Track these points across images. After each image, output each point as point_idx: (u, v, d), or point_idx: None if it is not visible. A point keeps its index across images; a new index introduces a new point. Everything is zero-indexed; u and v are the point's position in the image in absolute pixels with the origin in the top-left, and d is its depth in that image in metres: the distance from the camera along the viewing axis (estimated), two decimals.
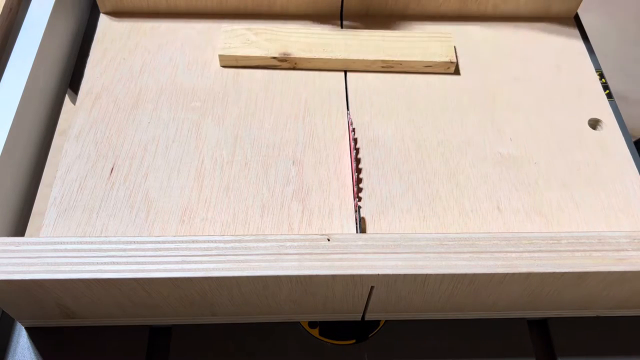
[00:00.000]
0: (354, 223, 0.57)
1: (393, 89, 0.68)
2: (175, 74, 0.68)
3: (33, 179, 0.65)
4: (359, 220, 0.58)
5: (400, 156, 0.63)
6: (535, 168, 0.62)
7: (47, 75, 0.68)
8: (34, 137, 0.65)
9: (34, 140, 0.65)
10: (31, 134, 0.64)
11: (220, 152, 0.62)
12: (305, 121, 0.65)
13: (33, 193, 0.64)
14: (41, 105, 0.67)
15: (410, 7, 0.74)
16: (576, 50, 0.74)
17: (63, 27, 0.72)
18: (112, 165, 0.60)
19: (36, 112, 0.65)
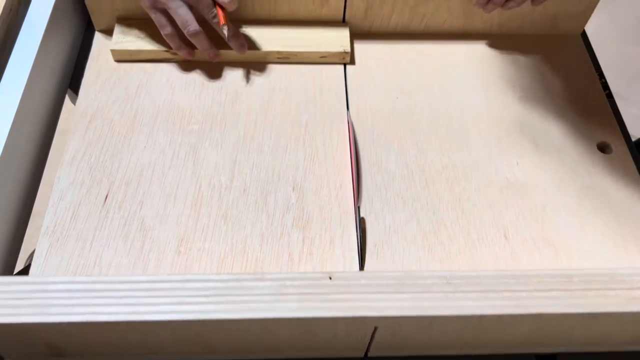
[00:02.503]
0: (357, 253, 0.55)
1: (396, 109, 0.66)
2: (172, 94, 0.66)
3: (33, 179, 0.64)
4: (358, 221, 0.57)
5: (404, 182, 0.61)
6: (543, 194, 0.61)
7: (47, 75, 0.67)
8: (34, 137, 0.64)
9: (34, 140, 0.64)
10: (31, 134, 0.63)
11: (219, 177, 0.60)
12: (305, 144, 0.63)
13: (33, 193, 0.63)
14: (41, 105, 0.66)
15: (412, 24, 0.72)
16: (583, 68, 0.72)
17: (61, 34, 0.70)
18: (107, 192, 0.58)
19: (36, 112, 0.65)
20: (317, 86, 0.68)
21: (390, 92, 0.68)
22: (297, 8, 0.69)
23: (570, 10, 0.72)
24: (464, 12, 0.71)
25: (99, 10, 0.69)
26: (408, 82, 0.69)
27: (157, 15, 0.63)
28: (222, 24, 0.62)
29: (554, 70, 0.72)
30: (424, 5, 0.70)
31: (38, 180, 0.65)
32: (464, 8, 0.70)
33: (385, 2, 0.69)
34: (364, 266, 0.56)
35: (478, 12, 0.71)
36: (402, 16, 0.71)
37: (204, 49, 0.66)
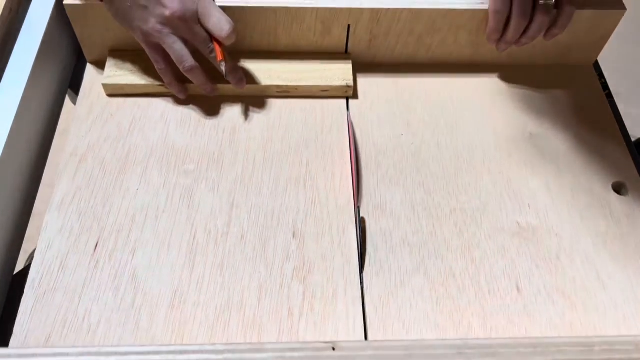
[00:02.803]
0: (361, 306, 0.52)
1: (401, 147, 0.63)
2: (167, 131, 0.63)
3: (33, 180, 0.64)
4: (358, 221, 0.56)
5: (410, 226, 0.58)
6: (556, 241, 0.58)
7: (48, 75, 0.66)
8: (34, 137, 0.64)
9: (34, 140, 0.64)
10: (31, 134, 0.63)
11: (215, 222, 0.57)
12: (306, 185, 0.60)
13: (33, 193, 0.63)
14: (41, 105, 0.65)
15: (418, 55, 0.69)
16: (596, 101, 0.69)
17: (63, 38, 0.67)
18: (97, 240, 0.55)
19: (36, 112, 0.64)
20: (319, 122, 0.65)
21: (394, 127, 0.65)
22: (298, 39, 0.66)
23: (583, 41, 0.69)
24: (472, 44, 0.68)
25: (90, 42, 0.66)
26: (413, 118, 0.66)
27: (151, 50, 0.60)
28: (220, 59, 0.59)
29: (566, 103, 0.68)
30: (430, 37, 0.67)
31: (38, 180, 0.65)
32: (472, 39, 0.67)
33: (390, 33, 0.66)
34: (363, 268, 0.55)
35: (486, 44, 0.68)
36: (408, 47, 0.68)
37: (200, 84, 0.63)
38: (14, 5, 0.67)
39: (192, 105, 0.65)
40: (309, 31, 0.65)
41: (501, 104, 0.68)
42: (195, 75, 0.61)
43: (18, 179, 0.61)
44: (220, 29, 0.58)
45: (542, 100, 0.69)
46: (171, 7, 0.56)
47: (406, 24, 0.65)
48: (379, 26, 0.65)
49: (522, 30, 0.63)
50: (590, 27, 0.67)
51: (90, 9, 0.62)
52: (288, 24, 0.64)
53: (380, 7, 0.63)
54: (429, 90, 0.68)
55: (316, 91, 0.66)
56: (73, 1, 0.61)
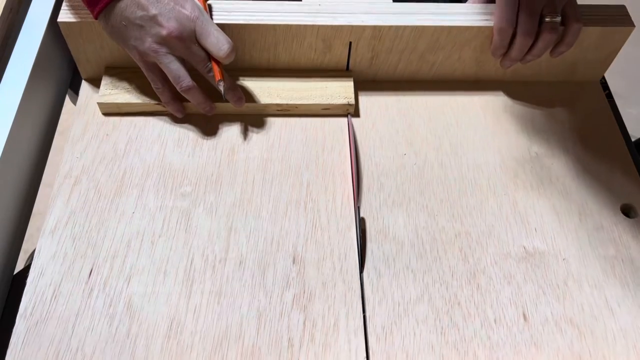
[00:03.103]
0: (363, 337, 0.51)
1: (403, 167, 0.62)
2: (164, 152, 0.62)
3: (33, 179, 0.63)
4: (358, 221, 0.56)
5: (414, 251, 0.56)
6: (564, 266, 0.56)
7: (48, 75, 0.65)
8: (34, 137, 0.63)
9: (34, 140, 0.63)
10: (31, 134, 0.63)
11: (212, 247, 0.55)
12: (307, 208, 0.59)
13: (33, 193, 0.63)
14: (41, 105, 0.65)
15: (421, 72, 0.68)
16: (603, 119, 0.68)
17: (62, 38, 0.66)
18: (91, 267, 0.54)
19: (36, 112, 0.64)
20: (319, 141, 0.63)
21: (397, 147, 0.63)
22: (298, 57, 0.65)
23: (590, 58, 0.67)
24: (476, 61, 0.66)
25: (85, 60, 0.64)
26: (416, 137, 0.64)
27: (148, 69, 0.59)
28: (219, 79, 0.58)
29: (572, 121, 0.67)
30: (433, 54, 0.65)
31: (38, 180, 0.64)
32: (477, 56, 0.66)
33: (393, 50, 0.64)
34: (363, 268, 0.54)
35: (491, 60, 0.66)
36: (410, 64, 0.66)
37: (198, 103, 0.61)
38: (14, 5, 0.66)
39: (190, 124, 0.64)
40: (309, 48, 0.64)
41: (506, 123, 0.66)
42: (192, 94, 0.59)
43: (18, 179, 0.60)
44: (219, 48, 0.56)
45: (548, 118, 0.67)
46: (168, 26, 0.55)
47: (409, 41, 0.63)
48: (381, 43, 0.63)
49: (527, 49, 0.62)
50: (598, 43, 0.65)
51: (85, 26, 0.60)
52: (288, 42, 0.63)
53: (383, 24, 0.61)
54: (432, 108, 0.67)
55: (317, 109, 0.65)
56: (67, 19, 0.60)
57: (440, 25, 0.61)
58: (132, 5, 0.54)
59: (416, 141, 0.64)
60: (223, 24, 0.60)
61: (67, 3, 0.61)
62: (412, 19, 0.62)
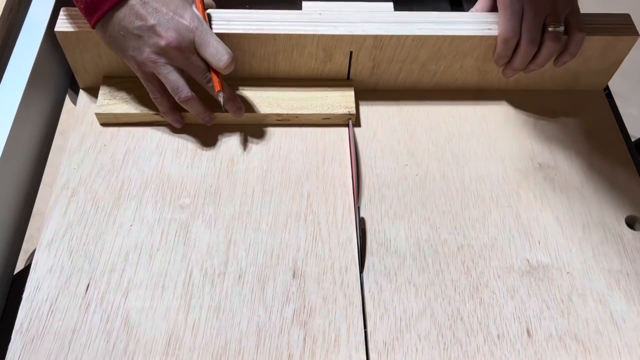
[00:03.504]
0: (364, 353, 0.50)
1: (405, 178, 0.61)
2: (162, 163, 0.61)
3: (33, 179, 0.63)
4: (358, 222, 0.56)
5: (416, 265, 0.55)
6: (568, 279, 0.55)
7: (48, 75, 0.65)
8: (34, 137, 0.63)
9: (34, 140, 0.63)
10: (31, 134, 0.63)
11: (211, 261, 0.55)
12: (307, 220, 0.58)
13: (33, 193, 0.63)
14: (41, 105, 0.65)
15: (423, 81, 0.67)
16: (607, 128, 0.67)
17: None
18: (88, 281, 0.53)
19: (36, 112, 0.64)
20: (320, 152, 0.63)
21: (398, 158, 0.63)
22: (298, 66, 0.64)
23: (593, 67, 0.66)
24: (479, 70, 0.66)
25: (83, 69, 0.64)
26: (418, 147, 0.63)
27: (146, 80, 0.58)
28: (218, 90, 0.57)
29: (576, 131, 0.66)
30: (435, 63, 0.64)
31: (38, 180, 0.64)
32: (479, 66, 0.65)
33: (394, 59, 0.63)
34: (363, 268, 0.54)
35: (494, 70, 0.65)
36: (412, 73, 0.66)
37: (197, 114, 0.60)
38: (14, 5, 0.66)
39: (189, 135, 0.63)
40: (309, 58, 0.63)
41: (509, 133, 0.65)
42: (191, 105, 0.59)
43: (18, 179, 0.60)
44: (218, 59, 0.56)
45: (551, 127, 0.66)
46: (166, 36, 0.54)
47: (410, 51, 0.62)
48: (382, 53, 0.63)
49: (530, 58, 0.61)
50: (602, 53, 0.64)
51: (83, 36, 0.59)
52: (288, 51, 0.62)
53: (384, 33, 0.60)
54: (433, 118, 0.66)
55: (317, 119, 0.64)
56: (64, 28, 0.59)
57: (442, 34, 0.61)
58: (130, 15, 0.54)
59: (418, 152, 0.63)
60: (222, 33, 0.59)
61: (65, 12, 0.60)
62: (414, 28, 0.61)
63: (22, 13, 0.67)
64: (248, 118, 0.63)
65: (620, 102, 0.71)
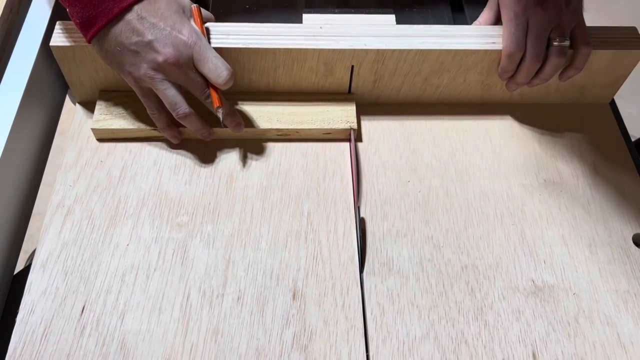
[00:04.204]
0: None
1: (407, 195, 0.60)
2: (160, 179, 0.60)
3: (33, 179, 0.63)
4: (358, 222, 0.56)
5: (419, 285, 0.54)
6: (574, 300, 0.54)
7: (48, 75, 0.65)
8: (34, 137, 0.63)
9: (34, 140, 0.63)
10: (31, 134, 0.63)
11: (210, 282, 0.53)
12: (307, 239, 0.57)
13: (33, 193, 0.64)
14: (41, 105, 0.65)
15: (425, 95, 0.66)
16: (613, 142, 0.66)
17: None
18: (84, 303, 0.52)
19: (36, 112, 0.64)
20: (321, 167, 0.61)
21: (401, 174, 0.61)
22: (299, 80, 0.63)
23: (599, 81, 0.65)
24: (482, 84, 0.64)
25: (79, 83, 0.62)
26: (420, 163, 0.62)
27: (143, 95, 0.57)
28: (217, 106, 0.56)
29: (581, 145, 0.65)
30: (438, 77, 0.63)
31: (38, 180, 0.64)
32: (483, 80, 0.64)
33: (396, 73, 0.62)
34: (363, 268, 0.54)
35: (498, 83, 0.64)
36: (414, 87, 0.65)
37: (196, 129, 0.59)
38: (14, 5, 0.65)
39: (187, 150, 0.62)
40: (310, 72, 0.62)
41: (513, 148, 0.64)
42: (190, 121, 0.57)
43: (18, 179, 0.60)
44: (217, 75, 0.54)
45: (556, 142, 0.65)
46: (164, 52, 0.53)
47: (413, 65, 0.61)
48: (384, 67, 0.61)
49: (534, 73, 0.60)
50: (608, 66, 0.63)
51: (79, 50, 0.58)
52: (288, 65, 0.61)
53: (386, 48, 0.59)
54: (436, 133, 0.65)
55: (318, 134, 0.63)
56: (60, 42, 0.58)
57: (445, 48, 0.59)
58: (127, 30, 0.52)
59: (420, 167, 0.62)
60: (221, 47, 0.58)
61: (60, 26, 0.59)
62: (416, 42, 0.60)
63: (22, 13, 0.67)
64: (247, 133, 0.62)
65: (620, 102, 0.71)
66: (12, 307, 0.53)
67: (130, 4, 0.52)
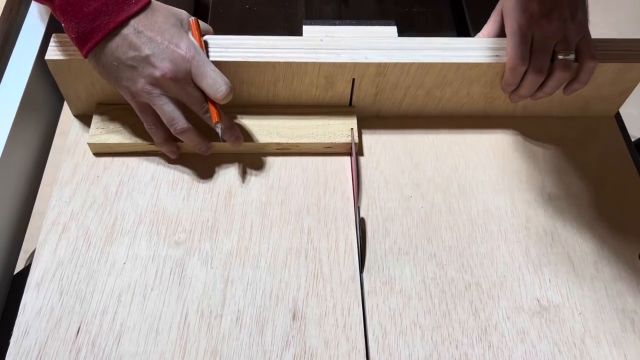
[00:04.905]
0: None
1: (410, 211, 0.59)
2: (157, 195, 0.58)
3: (33, 179, 0.63)
4: (358, 222, 0.56)
5: (422, 305, 0.53)
6: (580, 320, 0.53)
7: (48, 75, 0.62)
8: (34, 138, 0.63)
9: (34, 140, 0.63)
10: (31, 134, 0.63)
11: (208, 302, 0.52)
12: (308, 257, 0.55)
13: (33, 193, 0.63)
14: (41, 105, 0.65)
15: (427, 108, 0.65)
16: (618, 157, 0.64)
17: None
18: (79, 324, 0.50)
19: (36, 112, 0.64)
20: (321, 182, 0.60)
21: (403, 189, 0.60)
22: (299, 93, 0.62)
23: (604, 94, 0.64)
24: (486, 97, 0.63)
25: (75, 97, 0.61)
26: (423, 178, 0.61)
27: (140, 110, 0.55)
28: (216, 121, 0.55)
29: (587, 160, 0.64)
30: (440, 90, 0.62)
31: (38, 180, 0.64)
32: (486, 93, 0.63)
33: (398, 86, 0.61)
34: (363, 268, 0.54)
35: (501, 96, 0.63)
36: (416, 100, 0.63)
37: (194, 144, 0.58)
38: (14, 5, 0.65)
39: (185, 165, 0.61)
40: (310, 85, 0.61)
41: (517, 162, 0.63)
42: (188, 136, 0.56)
43: (18, 179, 0.60)
44: (216, 90, 0.53)
45: (560, 156, 0.64)
46: (161, 67, 0.52)
47: (415, 78, 0.60)
48: (385, 80, 0.60)
49: (537, 86, 0.59)
50: (614, 79, 0.62)
51: (75, 63, 0.57)
52: (288, 79, 0.60)
53: (387, 61, 0.58)
54: (439, 147, 0.64)
55: (318, 148, 0.62)
56: (55, 56, 0.56)
57: (448, 61, 0.58)
58: (124, 45, 0.51)
59: (423, 182, 0.61)
60: (220, 61, 0.57)
61: (56, 38, 0.57)
62: (419, 55, 0.58)
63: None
64: (247, 147, 0.61)
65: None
66: (12, 307, 0.53)
67: (126, 18, 0.51)
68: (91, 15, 0.50)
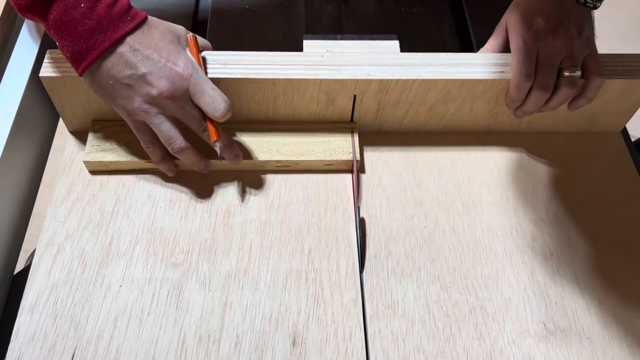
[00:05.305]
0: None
1: (412, 231, 0.57)
2: (154, 215, 0.57)
3: (33, 180, 0.63)
4: (358, 222, 0.56)
5: (425, 329, 0.52)
6: (588, 345, 0.52)
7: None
8: (34, 138, 0.63)
9: (34, 140, 0.63)
10: (31, 134, 0.63)
11: (206, 326, 0.51)
12: (309, 279, 0.54)
13: (33, 193, 0.63)
14: (42, 105, 0.64)
15: (430, 124, 0.63)
16: (625, 173, 0.63)
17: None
18: (74, 350, 0.49)
19: (37, 112, 0.63)
20: (322, 201, 0.59)
21: (405, 207, 0.59)
22: (299, 110, 0.60)
23: (611, 110, 0.63)
24: (490, 113, 0.62)
25: (71, 114, 0.60)
26: (426, 196, 0.60)
27: (137, 129, 0.54)
28: (215, 139, 0.53)
29: (593, 176, 0.62)
30: (443, 106, 0.61)
31: (38, 180, 0.64)
32: (490, 109, 0.61)
33: (400, 102, 0.60)
34: (363, 268, 0.54)
35: (506, 112, 0.62)
36: (418, 116, 0.62)
37: (192, 163, 0.57)
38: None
39: (182, 184, 0.59)
40: (311, 102, 0.59)
41: (522, 180, 0.62)
42: (186, 155, 0.55)
43: (18, 179, 0.60)
44: (215, 108, 0.52)
45: (566, 173, 0.62)
46: (159, 86, 0.50)
47: (417, 94, 0.59)
48: (387, 96, 0.59)
49: (542, 103, 0.57)
50: (621, 95, 0.61)
51: (70, 80, 0.56)
52: (289, 95, 0.58)
53: (390, 77, 0.57)
54: (442, 164, 0.62)
55: (319, 165, 0.60)
56: (49, 73, 0.55)
57: (452, 78, 0.57)
58: (120, 63, 0.50)
59: (426, 201, 0.60)
60: (219, 78, 0.55)
61: (50, 55, 0.56)
62: (421, 71, 0.57)
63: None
64: (246, 165, 0.60)
65: None
66: (12, 307, 0.53)
67: (122, 36, 0.50)
68: (86, 33, 0.49)
